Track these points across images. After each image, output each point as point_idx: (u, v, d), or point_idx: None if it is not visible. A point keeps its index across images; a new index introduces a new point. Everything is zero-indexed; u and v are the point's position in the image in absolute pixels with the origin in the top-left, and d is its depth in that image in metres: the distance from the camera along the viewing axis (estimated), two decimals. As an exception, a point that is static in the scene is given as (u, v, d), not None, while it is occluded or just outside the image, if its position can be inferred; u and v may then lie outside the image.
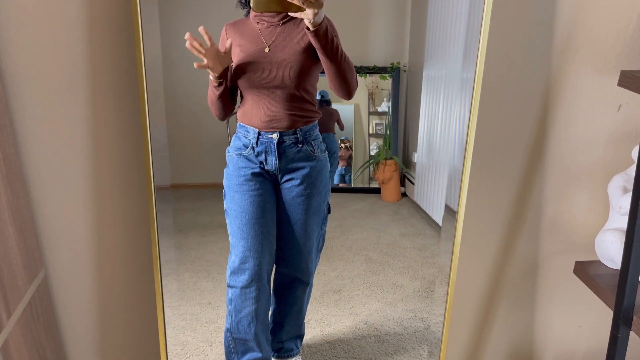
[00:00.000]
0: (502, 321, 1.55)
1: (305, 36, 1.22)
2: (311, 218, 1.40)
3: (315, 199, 1.39)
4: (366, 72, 2.77)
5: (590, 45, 1.26)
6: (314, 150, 1.35)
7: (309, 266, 1.47)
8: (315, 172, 1.36)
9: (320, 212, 1.42)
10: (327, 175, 1.40)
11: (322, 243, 1.51)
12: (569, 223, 1.42)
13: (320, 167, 1.38)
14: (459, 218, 1.27)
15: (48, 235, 1.32)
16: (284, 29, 1.27)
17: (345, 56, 1.21)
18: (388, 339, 1.71)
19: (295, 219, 1.40)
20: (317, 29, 1.09)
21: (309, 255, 1.45)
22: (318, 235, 1.46)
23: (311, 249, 1.45)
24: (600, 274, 1.12)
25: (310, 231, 1.42)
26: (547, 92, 1.31)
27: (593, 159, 1.35)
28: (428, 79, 2.52)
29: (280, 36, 1.27)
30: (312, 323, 1.77)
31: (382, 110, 2.99)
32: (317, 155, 1.36)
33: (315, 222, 1.42)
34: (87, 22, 1.20)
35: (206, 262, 2.11)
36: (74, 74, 1.22)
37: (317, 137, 1.37)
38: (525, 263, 1.49)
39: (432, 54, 2.47)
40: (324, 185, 1.41)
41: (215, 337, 1.68)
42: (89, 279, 1.38)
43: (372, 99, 3.02)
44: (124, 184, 1.33)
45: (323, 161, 1.39)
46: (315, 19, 1.06)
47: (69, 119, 1.26)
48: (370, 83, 2.94)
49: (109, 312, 1.42)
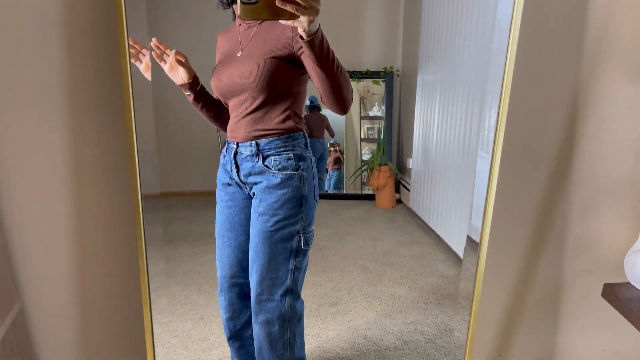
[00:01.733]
0: (522, 345, 1.48)
1: (279, 40, 1.13)
2: (267, 244, 1.20)
3: (274, 223, 1.19)
4: (359, 76, 2.73)
5: (622, 51, 1.20)
6: (270, 167, 1.19)
7: (261, 302, 1.24)
8: (275, 192, 1.19)
9: (285, 241, 1.20)
10: (300, 200, 1.19)
11: (292, 282, 1.24)
12: (596, 242, 1.36)
13: (284, 188, 1.19)
14: (482, 241, 1.19)
15: (23, 259, 1.20)
16: (259, 29, 1.18)
17: (342, 68, 1.08)
18: (388, 355, 1.65)
19: (252, 239, 1.23)
20: (312, 38, 0.97)
21: (263, 289, 1.23)
22: (284, 271, 1.22)
23: (269, 285, 1.23)
24: (632, 298, 1.06)
25: (266, 259, 1.21)
26: (576, 100, 1.24)
27: (623, 173, 1.29)
28: (423, 84, 2.48)
29: (255, 38, 1.18)
30: (309, 338, 1.71)
31: (373, 114, 2.96)
32: (273, 173, 1.19)
33: (275, 251, 1.20)
34: (69, 21, 1.11)
35: (197, 275, 2.02)
36: (52, 72, 1.12)
37: (280, 154, 1.19)
38: (549, 285, 1.42)
39: (426, 58, 2.43)
40: (290, 210, 1.19)
41: (208, 355, 1.60)
42: (70, 305, 1.27)
43: (364, 103, 2.98)
44: (109, 193, 1.23)
45: (288, 182, 1.19)
46: (311, 27, 0.93)
47: (47, 123, 1.15)
48: (362, 87, 2.90)
49: (94, 341, 1.32)
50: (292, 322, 1.27)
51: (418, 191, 2.55)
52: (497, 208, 1.28)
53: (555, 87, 1.23)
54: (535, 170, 1.29)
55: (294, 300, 1.26)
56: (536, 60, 1.20)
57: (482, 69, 1.29)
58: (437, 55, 2.34)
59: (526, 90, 1.22)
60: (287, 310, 1.25)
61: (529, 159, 1.28)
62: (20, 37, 1.10)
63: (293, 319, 1.27)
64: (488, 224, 1.17)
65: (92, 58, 1.15)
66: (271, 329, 1.26)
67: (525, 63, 1.19)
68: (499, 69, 1.12)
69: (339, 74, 1.07)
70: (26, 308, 1.25)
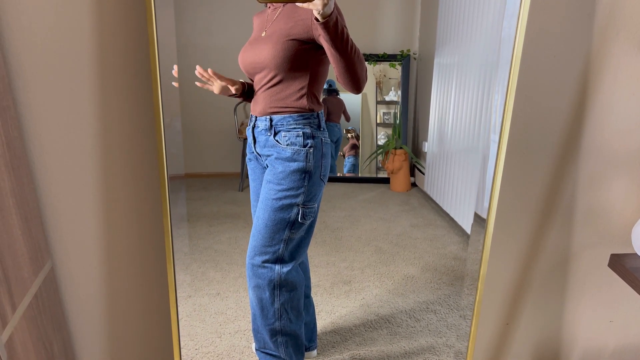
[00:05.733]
0: (529, 316, 1.50)
1: (300, 23, 1.17)
2: (267, 211, 1.26)
3: (276, 192, 1.25)
4: (375, 60, 2.73)
5: (632, 25, 1.19)
6: (280, 142, 1.25)
7: (253, 267, 1.30)
8: (283, 163, 1.25)
9: (283, 211, 1.26)
10: (304, 174, 1.25)
11: (283, 251, 1.29)
12: (604, 213, 1.36)
13: (291, 161, 1.24)
14: (490, 210, 1.20)
15: (55, 224, 1.27)
16: (283, 11, 1.23)
17: (356, 48, 1.12)
18: (400, 332, 1.67)
19: (257, 205, 1.31)
20: (327, 20, 1.00)
21: (255, 254, 1.29)
22: (277, 239, 1.28)
23: (261, 252, 1.29)
24: (638, 268, 1.07)
25: (262, 225, 1.27)
26: (586, 73, 1.24)
27: (632, 145, 1.28)
28: (439, 67, 2.46)
29: (278, 19, 1.23)
30: (322, 314, 1.74)
31: (389, 99, 2.95)
32: (283, 147, 1.25)
33: (273, 219, 1.26)
34: (98, 2, 1.14)
35: (214, 252, 2.07)
36: (82, 53, 1.16)
37: (291, 131, 1.25)
38: (557, 256, 1.43)
39: (443, 41, 2.41)
40: (293, 182, 1.24)
41: (225, 328, 1.65)
42: (97, 270, 1.34)
43: (380, 88, 2.97)
44: (135, 170, 1.28)
45: (295, 156, 1.24)
46: (325, 9, 0.97)
47: (77, 102, 1.19)
48: (379, 72, 2.89)
49: (119, 304, 1.39)
50: (281, 290, 1.32)
51: (433, 174, 2.55)
52: (505, 180, 1.28)
53: (565, 60, 1.23)
54: (544, 142, 1.29)
55: (285, 269, 1.31)
56: (546, 35, 1.20)
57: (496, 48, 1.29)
58: (454, 37, 2.32)
59: (536, 64, 1.22)
60: (277, 278, 1.30)
61: (538, 132, 1.28)
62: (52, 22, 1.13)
63: (283, 288, 1.32)
64: (496, 197, 1.18)
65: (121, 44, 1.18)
66: (262, 294, 1.32)
67: (535, 38, 1.19)
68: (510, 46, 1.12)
69: (353, 54, 1.11)
70: (56, 268, 1.32)
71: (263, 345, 1.38)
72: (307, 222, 1.30)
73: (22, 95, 1.16)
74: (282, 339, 1.36)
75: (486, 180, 1.25)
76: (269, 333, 1.35)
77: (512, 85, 1.08)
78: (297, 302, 1.36)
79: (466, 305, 1.39)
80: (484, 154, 1.27)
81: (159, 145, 1.15)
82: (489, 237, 1.21)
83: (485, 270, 1.23)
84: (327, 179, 1.31)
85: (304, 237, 1.33)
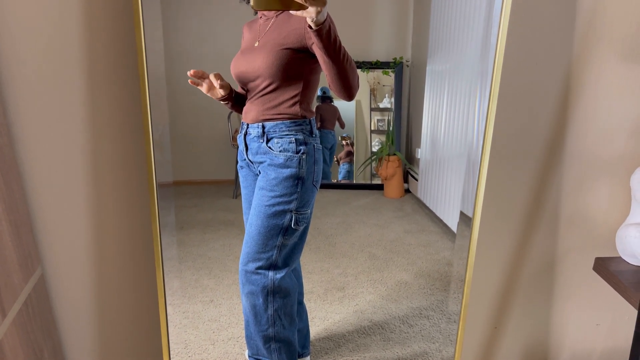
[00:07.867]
0: (517, 320, 1.51)
1: (293, 32, 1.19)
2: (260, 217, 1.26)
3: (269, 198, 1.26)
4: (368, 67, 2.75)
5: (613, 32, 1.21)
6: (273, 149, 1.26)
7: (247, 273, 1.30)
8: (276, 169, 1.26)
9: (277, 218, 1.26)
10: (297, 181, 1.25)
11: (277, 257, 1.29)
12: (589, 218, 1.37)
13: (284, 167, 1.25)
14: (475, 214, 1.22)
15: (45, 230, 1.28)
16: (276, 21, 1.26)
17: (348, 56, 1.15)
18: (393, 337, 1.67)
19: (250, 212, 1.31)
20: (320, 28, 1.03)
21: (249, 260, 1.29)
22: (271, 246, 1.28)
23: (254, 258, 1.29)
24: (622, 271, 1.08)
25: (255, 232, 1.28)
26: (568, 80, 1.26)
27: (615, 150, 1.30)
28: (432, 74, 2.48)
29: (271, 29, 1.25)
30: (315, 321, 1.74)
31: (383, 106, 2.97)
32: (275, 154, 1.26)
33: (265, 226, 1.26)
34: (86, 10, 1.16)
35: (208, 260, 2.07)
36: (71, 60, 1.18)
37: (283, 137, 1.26)
38: (542, 260, 1.44)
39: (436, 48, 2.43)
40: (286, 188, 1.25)
41: (218, 335, 1.64)
42: (88, 277, 1.34)
43: (374, 95, 2.99)
44: (124, 177, 1.29)
45: (287, 163, 1.25)
46: (318, 17, 1.00)
47: (67, 108, 1.20)
48: (372, 79, 2.91)
49: (109, 311, 1.39)
50: (275, 297, 1.32)
51: (426, 181, 2.56)
52: (490, 185, 1.30)
53: (547, 68, 1.25)
54: (528, 148, 1.31)
55: (278, 275, 1.31)
56: (528, 42, 1.22)
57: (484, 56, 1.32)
58: (446, 45, 2.35)
59: (518, 71, 1.25)
60: (270, 284, 1.30)
61: (522, 138, 1.30)
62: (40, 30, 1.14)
63: (277, 294, 1.32)
64: (480, 202, 1.19)
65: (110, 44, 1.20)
66: (255, 301, 1.32)
67: (517, 45, 1.21)
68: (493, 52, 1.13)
69: (345, 61, 1.14)
70: (46, 274, 1.32)
71: (256, 351, 1.38)
72: (300, 228, 1.30)
73: (11, 103, 1.16)
74: (276, 346, 1.36)
75: (474, 186, 1.26)
76: (262, 339, 1.35)
77: (495, 91, 1.10)
78: (290, 308, 1.36)
79: (453, 310, 1.40)
80: (472, 160, 1.29)
81: (148, 152, 1.16)
82: (474, 241, 1.22)
83: (471, 274, 1.24)
84: (319, 185, 1.32)
85: (297, 243, 1.33)
